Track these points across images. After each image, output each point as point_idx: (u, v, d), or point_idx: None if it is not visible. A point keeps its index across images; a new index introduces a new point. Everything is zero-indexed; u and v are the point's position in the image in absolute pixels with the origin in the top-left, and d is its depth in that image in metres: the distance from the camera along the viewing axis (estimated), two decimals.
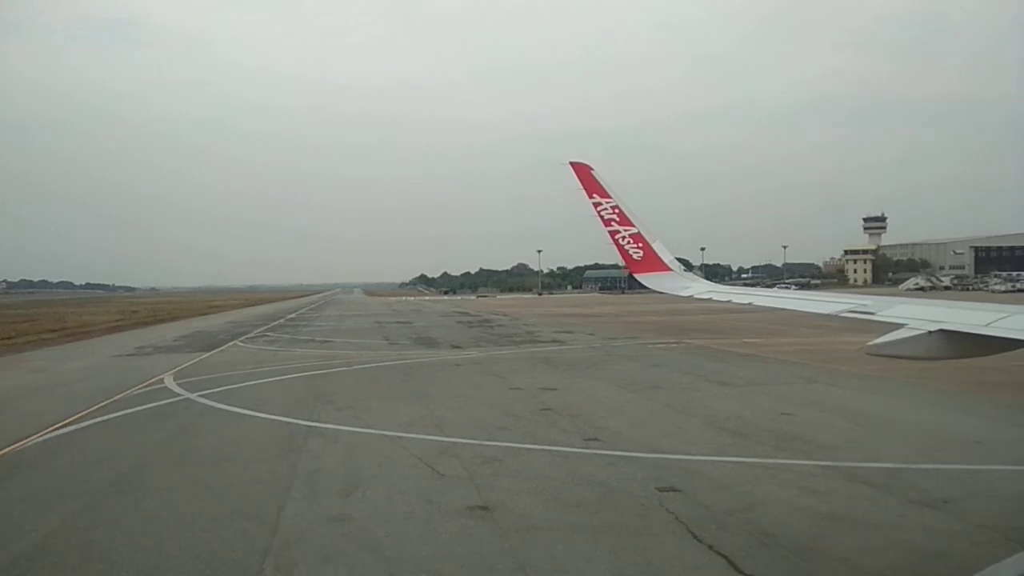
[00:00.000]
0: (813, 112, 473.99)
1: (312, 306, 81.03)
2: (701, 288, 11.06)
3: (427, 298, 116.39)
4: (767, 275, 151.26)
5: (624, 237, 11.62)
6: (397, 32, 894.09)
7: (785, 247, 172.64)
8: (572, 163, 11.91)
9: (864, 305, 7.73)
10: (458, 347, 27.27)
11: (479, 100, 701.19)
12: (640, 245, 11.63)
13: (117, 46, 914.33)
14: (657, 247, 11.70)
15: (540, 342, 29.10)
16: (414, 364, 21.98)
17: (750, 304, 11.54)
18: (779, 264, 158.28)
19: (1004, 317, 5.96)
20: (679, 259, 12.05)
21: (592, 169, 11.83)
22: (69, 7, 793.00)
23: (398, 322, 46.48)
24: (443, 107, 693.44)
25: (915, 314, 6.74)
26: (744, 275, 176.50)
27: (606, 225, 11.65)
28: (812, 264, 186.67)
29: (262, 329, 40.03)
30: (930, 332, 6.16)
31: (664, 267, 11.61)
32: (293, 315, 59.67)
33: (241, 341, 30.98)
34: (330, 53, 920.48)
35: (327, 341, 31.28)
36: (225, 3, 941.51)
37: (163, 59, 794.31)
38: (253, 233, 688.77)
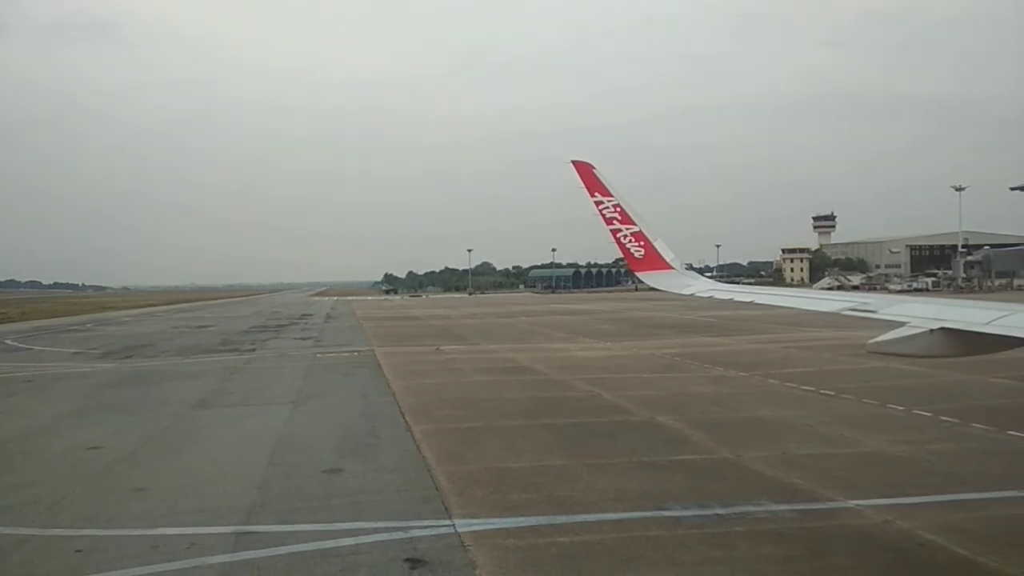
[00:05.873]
0: (787, 111, 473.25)
1: (199, 308, 79.69)
2: (702, 286, 10.41)
3: (351, 298, 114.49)
4: (733, 273, 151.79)
5: (626, 236, 10.88)
6: (377, 28, 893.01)
7: (719, 246, 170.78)
8: (574, 161, 11.11)
9: (866, 303, 7.38)
10: (130, 358, 26.46)
11: (460, 97, 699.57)
12: (642, 243, 10.88)
13: (98, 43, 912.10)
14: (659, 245, 10.91)
15: (239, 351, 28.04)
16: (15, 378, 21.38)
17: (751, 302, 10.89)
18: (744, 263, 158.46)
19: (1005, 315, 6.12)
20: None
21: (594, 168, 11.08)
22: (50, 7, 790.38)
23: (201, 326, 45.88)
24: (424, 104, 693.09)
25: (916, 312, 6.86)
26: (708, 273, 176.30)
27: (608, 224, 10.90)
28: (768, 263, 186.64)
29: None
30: (931, 330, 6.31)
31: (666, 265, 10.87)
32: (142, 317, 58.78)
33: None
34: (320, 48, 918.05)
35: (41, 351, 30.60)
36: (206, 2, 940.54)
37: (146, 57, 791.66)
38: (240, 232, 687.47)
